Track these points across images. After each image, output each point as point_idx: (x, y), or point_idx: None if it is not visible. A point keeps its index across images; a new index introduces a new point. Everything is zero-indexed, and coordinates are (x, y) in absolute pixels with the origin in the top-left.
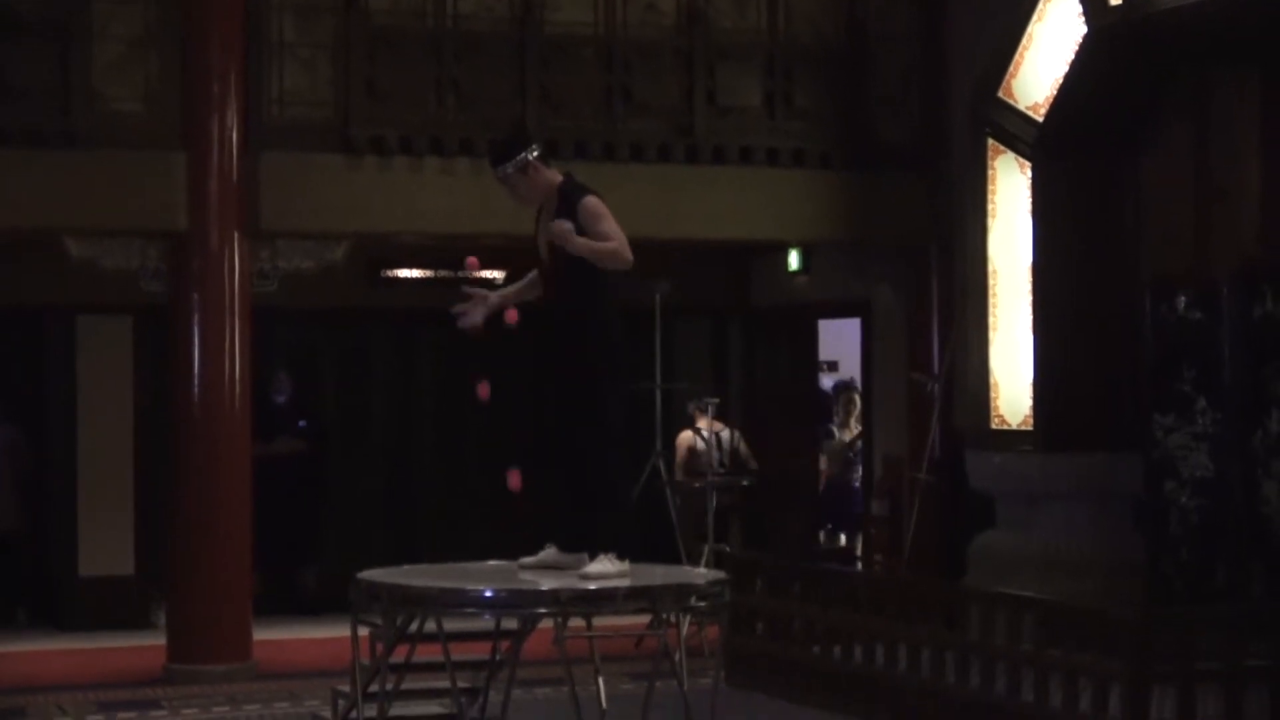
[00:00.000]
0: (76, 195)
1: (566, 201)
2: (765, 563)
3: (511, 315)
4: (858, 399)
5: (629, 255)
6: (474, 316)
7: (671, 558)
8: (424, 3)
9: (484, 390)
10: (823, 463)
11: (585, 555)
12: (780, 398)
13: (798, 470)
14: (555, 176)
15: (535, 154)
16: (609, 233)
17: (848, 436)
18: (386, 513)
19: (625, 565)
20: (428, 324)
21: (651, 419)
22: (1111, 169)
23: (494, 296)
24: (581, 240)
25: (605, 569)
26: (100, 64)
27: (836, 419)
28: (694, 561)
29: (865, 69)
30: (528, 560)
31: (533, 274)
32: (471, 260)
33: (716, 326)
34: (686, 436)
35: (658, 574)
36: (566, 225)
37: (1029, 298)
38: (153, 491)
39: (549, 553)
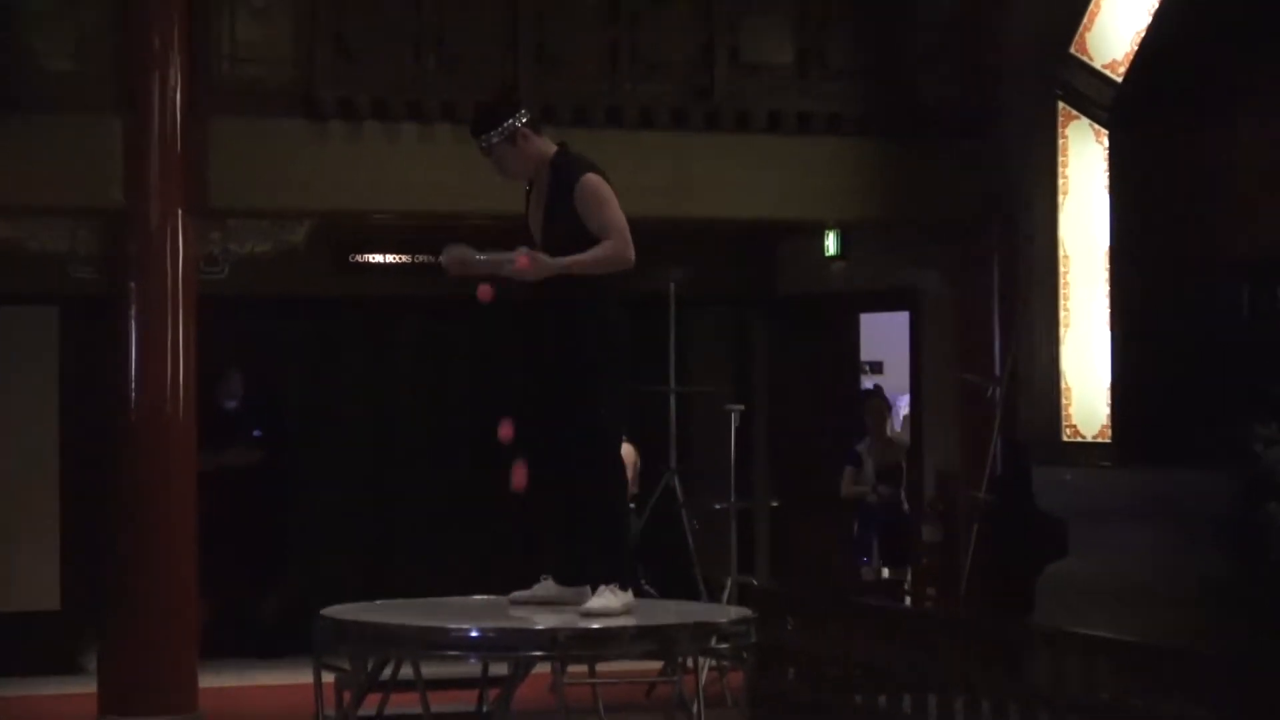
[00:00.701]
0: None
1: (561, 177)
2: (797, 596)
3: (485, 292)
4: (887, 408)
5: (630, 254)
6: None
7: (688, 591)
8: None
9: (485, 292)
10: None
11: (587, 589)
12: (815, 404)
13: (836, 489)
14: (548, 147)
15: (524, 120)
16: (608, 224)
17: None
18: (357, 536)
19: (630, 599)
20: (404, 315)
21: (664, 429)
22: (1203, 136)
23: (479, 256)
24: (562, 261)
25: (607, 604)
26: (24, 14)
27: (866, 440)
28: (715, 596)
29: (911, 19)
30: (520, 594)
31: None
32: (483, 290)
33: (739, 321)
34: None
35: (671, 611)
36: (523, 262)
37: (1105, 287)
38: (83, 513)
39: (545, 586)
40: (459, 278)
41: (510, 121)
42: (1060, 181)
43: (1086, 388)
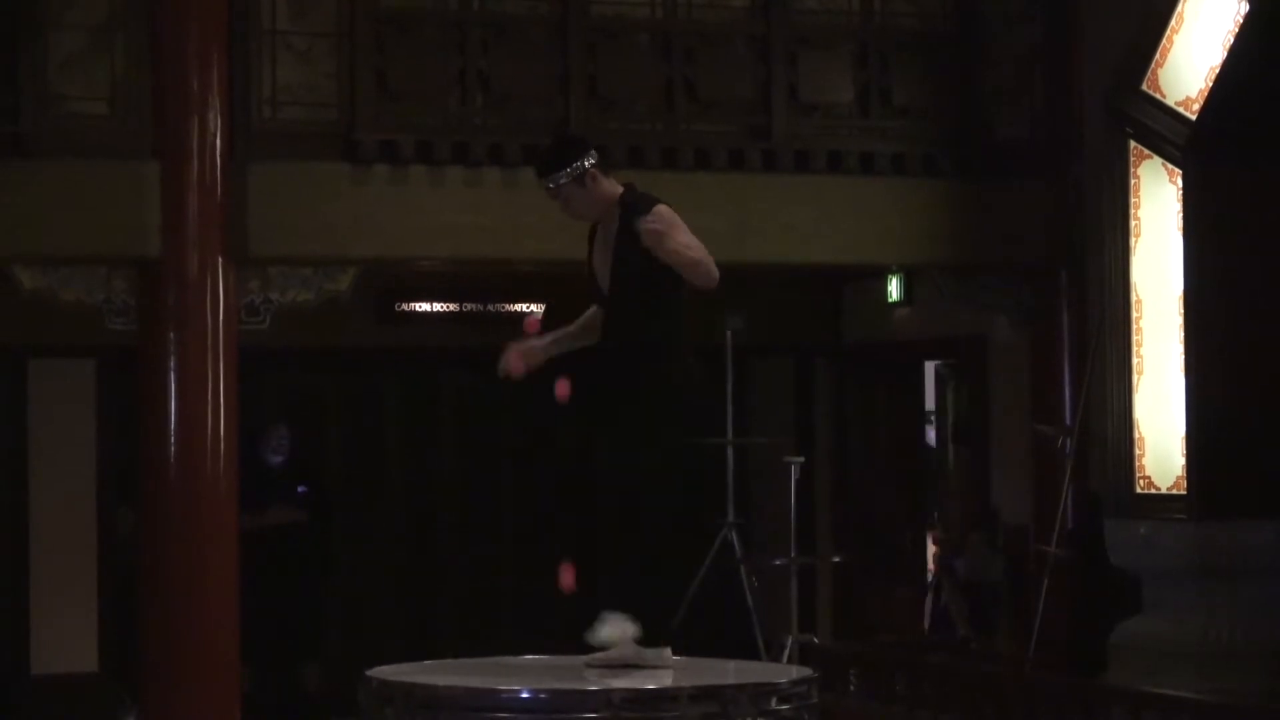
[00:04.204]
0: (27, 215)
1: (630, 214)
2: (861, 656)
3: (562, 389)
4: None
5: (715, 271)
6: (515, 363)
7: (748, 651)
8: None
9: (563, 389)
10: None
11: (667, 650)
12: (879, 456)
13: (900, 543)
14: (615, 187)
15: (593, 161)
16: (690, 243)
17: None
18: (403, 596)
19: (665, 654)
20: (451, 367)
21: (722, 481)
22: None
23: (541, 343)
24: (674, 243)
25: (623, 632)
26: (55, 57)
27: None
28: (775, 655)
29: (979, 55)
30: (597, 656)
31: (589, 314)
32: (531, 321)
33: (800, 369)
34: None
35: (729, 671)
36: (656, 224)
37: (1180, 333)
38: (121, 572)
39: (623, 646)
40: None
41: (579, 162)
42: (1132, 224)
43: (1161, 438)
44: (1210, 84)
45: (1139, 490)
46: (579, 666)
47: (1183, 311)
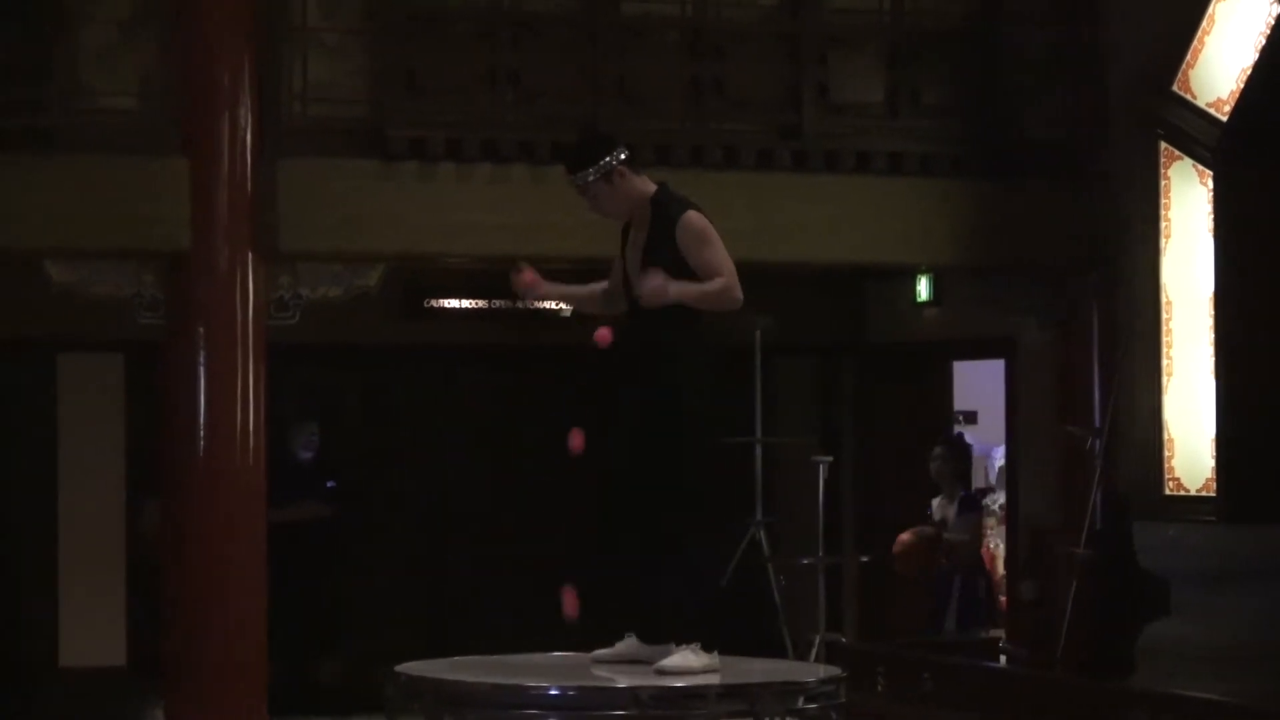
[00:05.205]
0: (57, 209)
1: (661, 215)
2: (888, 655)
3: (603, 335)
4: (957, 463)
5: (739, 294)
6: (529, 273)
7: (775, 649)
8: None
9: (577, 441)
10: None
11: (671, 646)
12: (906, 456)
13: None
14: (647, 185)
15: (623, 157)
16: (715, 264)
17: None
18: (427, 592)
19: (714, 659)
20: (478, 363)
21: (750, 479)
22: None
23: (553, 284)
24: (679, 286)
25: (688, 662)
26: (84, 52)
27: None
28: (802, 653)
29: (1007, 55)
30: (603, 652)
31: (601, 285)
32: (602, 333)
33: (827, 369)
34: None
35: (756, 669)
36: (657, 283)
37: (1209, 334)
38: (149, 565)
39: (628, 643)
40: (531, 302)
41: (607, 159)
42: (1162, 225)
43: (1190, 439)
44: (1241, 85)
45: (1168, 492)
46: (607, 662)
47: (1213, 313)
